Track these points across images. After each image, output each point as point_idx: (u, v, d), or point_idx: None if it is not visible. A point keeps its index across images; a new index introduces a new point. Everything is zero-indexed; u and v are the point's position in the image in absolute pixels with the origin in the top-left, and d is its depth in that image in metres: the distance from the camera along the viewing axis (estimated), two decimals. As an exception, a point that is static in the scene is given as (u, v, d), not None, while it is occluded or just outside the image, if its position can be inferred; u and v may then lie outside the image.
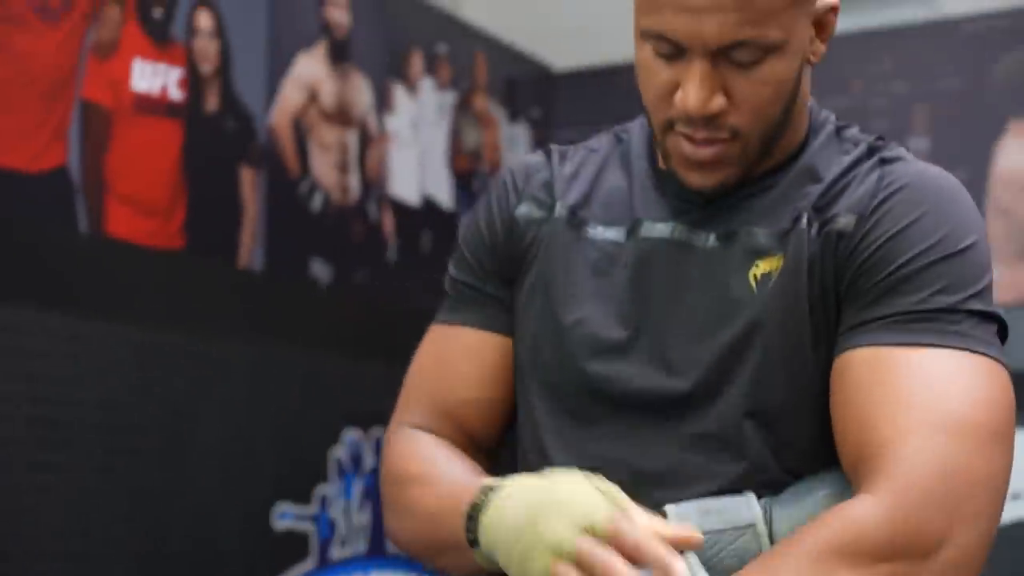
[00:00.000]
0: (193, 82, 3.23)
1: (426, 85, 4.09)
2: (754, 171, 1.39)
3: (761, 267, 1.34)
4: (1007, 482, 1.22)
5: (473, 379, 1.50)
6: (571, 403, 1.41)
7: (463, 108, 4.27)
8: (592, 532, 1.15)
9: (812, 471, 1.32)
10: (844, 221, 1.33)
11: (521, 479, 1.25)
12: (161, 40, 3.15)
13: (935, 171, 1.38)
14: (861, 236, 1.32)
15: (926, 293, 1.27)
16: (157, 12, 3.14)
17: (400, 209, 3.94)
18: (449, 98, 4.20)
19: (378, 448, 3.71)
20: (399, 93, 3.97)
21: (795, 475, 1.31)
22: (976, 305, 1.27)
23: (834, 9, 1.36)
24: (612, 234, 1.43)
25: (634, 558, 1.13)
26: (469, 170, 4.28)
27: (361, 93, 3.80)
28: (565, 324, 1.41)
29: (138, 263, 3.06)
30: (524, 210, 1.50)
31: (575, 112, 4.71)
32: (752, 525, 1.24)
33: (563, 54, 4.73)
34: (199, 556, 3.14)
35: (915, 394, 1.22)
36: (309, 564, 3.44)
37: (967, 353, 1.24)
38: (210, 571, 3.17)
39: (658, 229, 1.41)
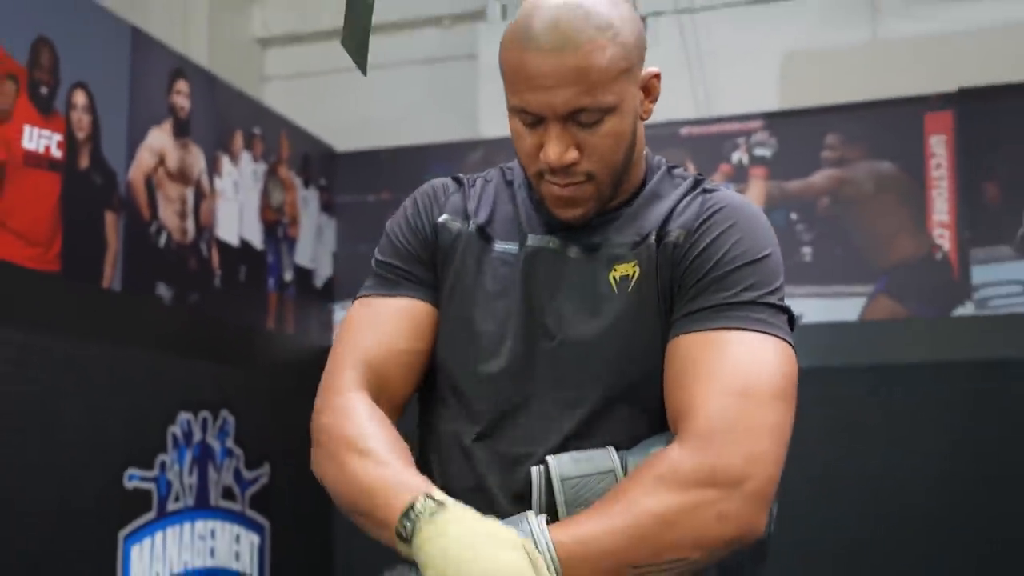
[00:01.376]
0: (70, 144, 3.14)
1: (245, 157, 4.05)
2: (608, 204, 1.36)
3: (619, 271, 1.32)
4: (789, 433, 1.22)
5: (403, 332, 1.39)
6: (468, 388, 1.37)
7: (271, 175, 4.24)
8: None
9: (659, 431, 1.30)
10: (676, 234, 1.32)
11: (464, 511, 1.17)
12: (46, 111, 3.05)
13: (742, 199, 1.38)
14: (688, 246, 1.31)
15: (735, 290, 1.26)
16: (44, 90, 3.04)
17: (224, 248, 3.88)
18: (261, 167, 4.16)
19: (205, 427, 3.64)
20: (225, 162, 3.91)
21: (647, 435, 1.30)
22: (772, 300, 1.27)
23: (656, 76, 1.34)
24: (510, 247, 1.38)
25: None
26: (275, 220, 4.25)
27: (197, 160, 3.74)
28: (474, 327, 1.37)
29: (23, 281, 2.94)
30: (446, 218, 1.43)
31: (353, 182, 4.72)
32: (612, 471, 1.24)
33: (344, 138, 4.74)
34: (70, 509, 3.02)
35: (720, 367, 1.22)
36: (152, 515, 3.35)
37: (763, 335, 1.24)
38: (78, 520, 3.06)
39: (540, 240, 1.37)
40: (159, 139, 3.53)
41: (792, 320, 1.31)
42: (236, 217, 3.96)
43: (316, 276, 4.53)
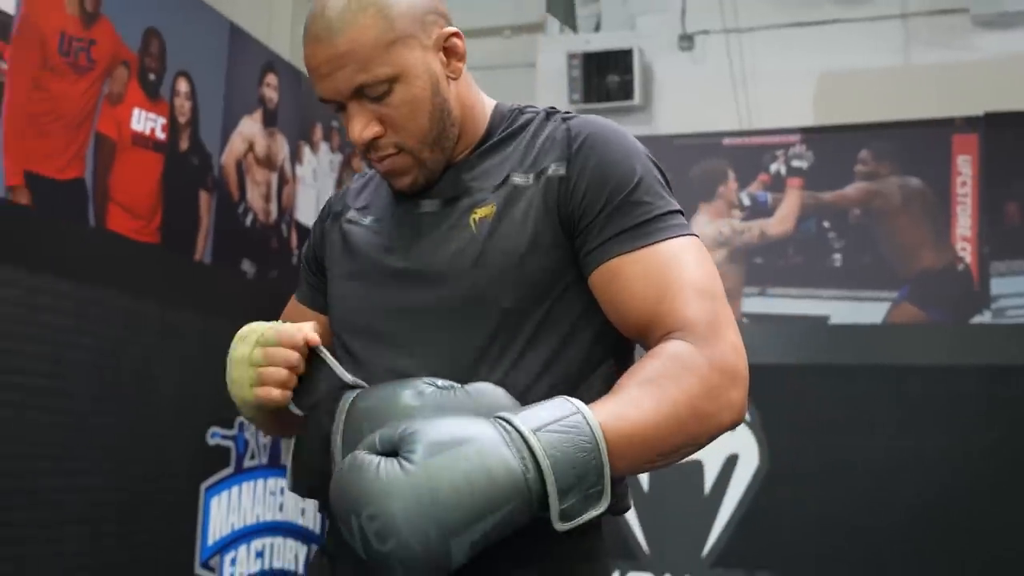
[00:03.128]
0: (172, 128, 3.13)
1: (323, 147, 4.04)
2: (452, 160, 1.28)
3: (479, 213, 1.23)
4: (731, 314, 1.19)
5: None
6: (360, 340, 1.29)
7: (346, 165, 4.23)
8: (263, 341, 1.19)
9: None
10: (555, 168, 1.23)
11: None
12: (153, 96, 3.04)
13: (601, 119, 1.29)
14: (575, 178, 1.22)
15: (640, 210, 1.20)
16: (151, 76, 3.03)
17: (302, 229, 3.87)
18: (337, 157, 4.15)
19: (279, 393, 3.62)
20: (306, 151, 3.90)
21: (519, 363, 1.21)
22: (668, 207, 1.22)
23: (455, 35, 1.25)
24: (379, 221, 1.32)
25: (290, 343, 1.17)
26: (348, 208, 4.24)
27: (282, 148, 3.73)
28: (347, 304, 1.32)
29: (127, 251, 2.94)
30: (327, 222, 1.41)
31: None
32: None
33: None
34: (162, 460, 3.02)
35: (680, 275, 1.17)
36: (230, 470, 3.34)
37: (681, 238, 1.20)
38: (168, 470, 3.05)
39: (406, 207, 1.29)
40: (250, 127, 3.52)
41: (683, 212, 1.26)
42: (314, 202, 3.94)
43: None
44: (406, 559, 0.95)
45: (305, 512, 3.79)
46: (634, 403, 1.07)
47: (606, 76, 4.48)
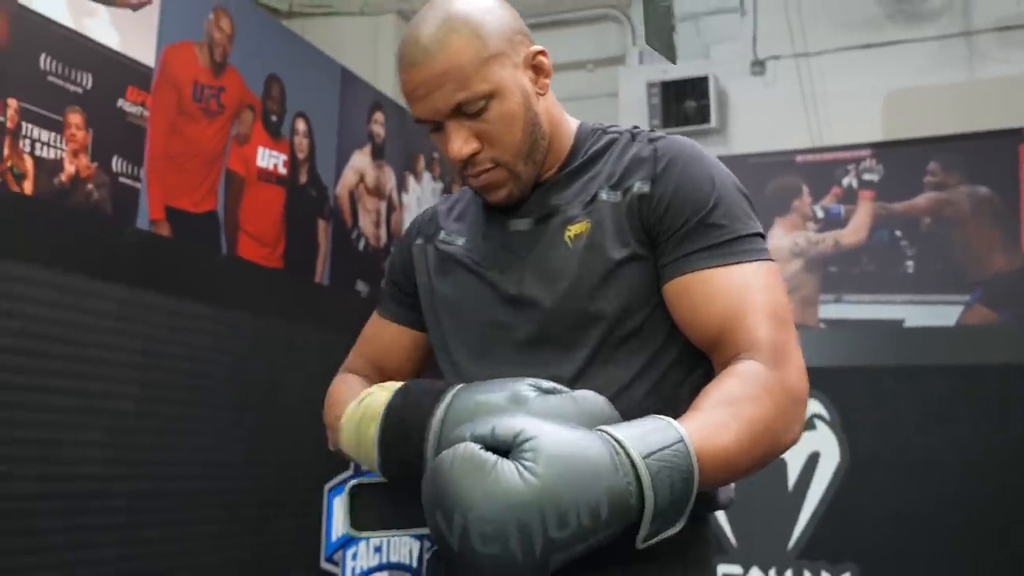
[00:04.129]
0: (293, 163, 3.19)
1: (426, 176, 4.08)
2: (540, 175, 1.26)
3: (573, 230, 1.21)
4: (797, 339, 1.16)
5: (379, 349, 1.46)
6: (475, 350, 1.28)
7: (447, 191, 4.25)
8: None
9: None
10: (640, 186, 1.20)
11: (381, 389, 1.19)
12: (275, 136, 3.11)
13: (687, 140, 1.26)
14: (658, 195, 1.19)
15: (718, 231, 1.17)
16: (273, 118, 3.11)
17: (408, 252, 3.91)
18: (439, 185, 4.19)
19: (391, 402, 3.67)
20: (410, 180, 3.95)
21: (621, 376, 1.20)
22: (747, 230, 1.18)
23: (541, 53, 1.24)
24: (474, 241, 1.30)
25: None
26: (449, 231, 4.28)
27: (389, 178, 3.78)
28: (442, 324, 1.31)
29: (255, 275, 3.01)
30: (419, 241, 1.39)
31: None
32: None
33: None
34: (287, 464, 3.08)
35: (743, 297, 1.14)
36: (349, 472, 3.39)
37: (757, 263, 1.16)
38: (295, 472, 3.11)
39: (500, 227, 1.27)
40: (360, 160, 3.58)
41: (764, 236, 1.22)
42: (418, 227, 3.99)
43: (480, 278, 4.55)
44: (504, 565, 0.89)
45: (417, 510, 3.83)
46: (722, 426, 1.03)
47: (684, 102, 4.46)
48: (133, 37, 2.57)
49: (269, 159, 3.08)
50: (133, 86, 2.56)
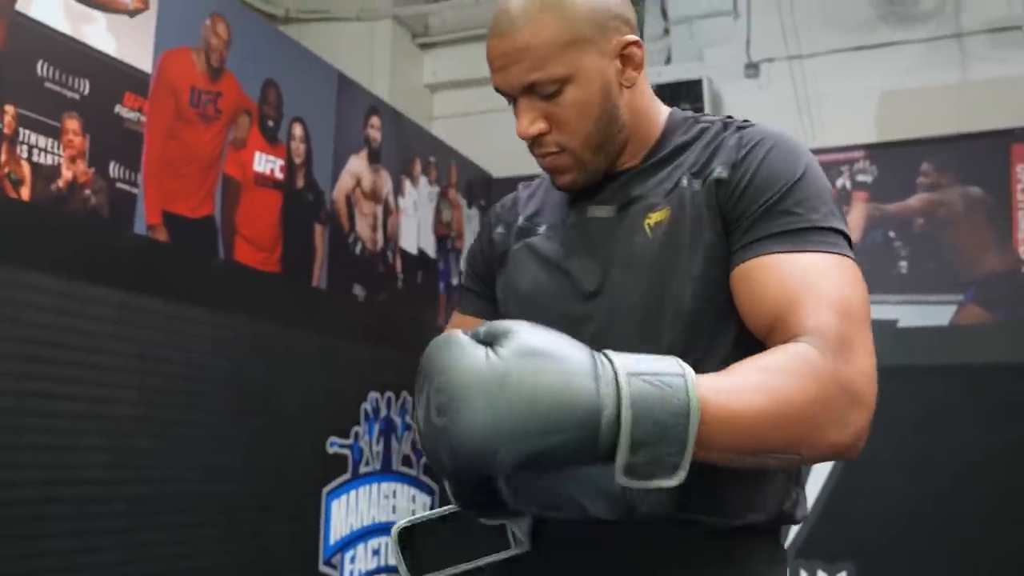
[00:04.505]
0: (290, 168, 3.19)
1: (422, 181, 4.07)
2: (621, 164, 1.22)
3: (653, 219, 1.16)
4: (871, 344, 1.05)
5: None
6: None
7: (443, 196, 4.26)
8: None
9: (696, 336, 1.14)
10: (719, 171, 1.15)
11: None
12: (272, 140, 3.11)
13: (776, 129, 1.20)
14: (736, 180, 1.14)
15: (792, 218, 1.10)
16: (270, 123, 3.10)
17: (405, 256, 3.91)
18: (435, 190, 4.19)
19: (389, 404, 3.66)
20: (407, 184, 3.94)
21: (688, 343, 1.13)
22: (825, 222, 1.10)
23: (635, 44, 1.18)
24: (553, 228, 1.25)
25: None
26: (445, 234, 4.27)
27: (386, 182, 3.77)
28: (526, 309, 1.23)
29: (253, 279, 3.00)
30: (499, 231, 1.34)
31: (506, 203, 4.72)
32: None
33: (499, 167, 4.75)
34: (286, 468, 3.07)
35: (821, 287, 1.05)
36: (348, 476, 3.38)
37: (831, 255, 1.08)
38: (292, 476, 3.10)
39: (580, 212, 1.23)
40: (357, 165, 3.58)
41: (848, 239, 1.13)
42: (415, 231, 3.99)
43: (477, 281, 4.54)
44: (454, 442, 0.83)
45: (415, 513, 3.82)
46: (746, 388, 0.93)
47: (678, 105, 4.44)
48: (130, 43, 2.56)
49: (266, 164, 3.07)
50: (130, 92, 2.56)
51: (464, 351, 0.85)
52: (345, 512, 3.38)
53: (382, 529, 3.59)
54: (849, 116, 4.28)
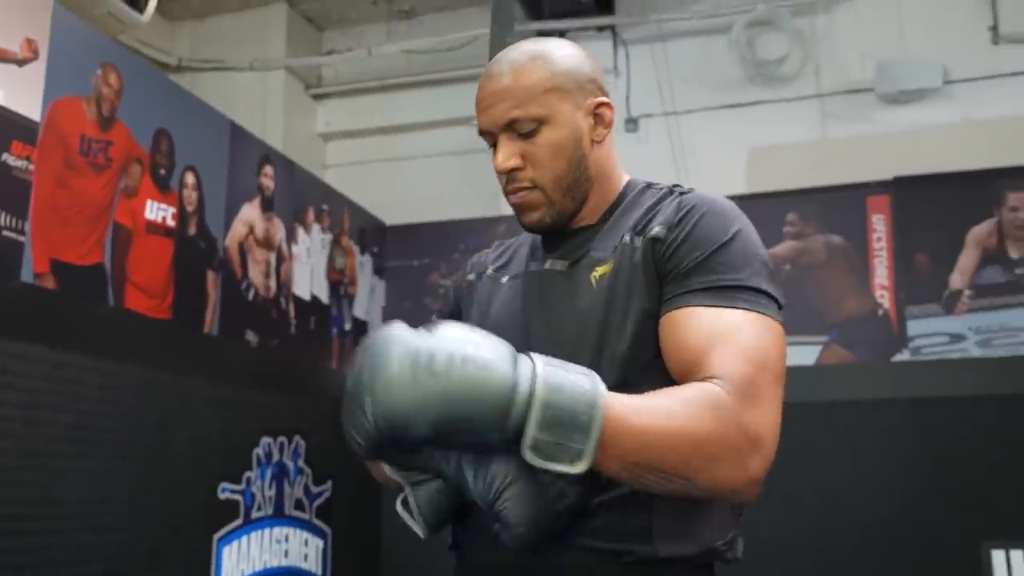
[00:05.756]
0: (182, 216, 3.15)
1: (315, 228, 4.07)
2: (573, 216, 1.29)
3: (599, 272, 1.23)
4: (779, 399, 1.11)
5: None
6: None
7: (335, 243, 4.25)
8: None
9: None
10: (657, 230, 1.22)
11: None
12: (164, 189, 3.07)
13: (714, 194, 1.27)
14: (670, 239, 1.20)
15: (721, 276, 1.16)
16: (162, 171, 3.07)
17: (298, 302, 3.88)
18: (328, 237, 4.18)
19: (281, 449, 3.61)
20: (300, 232, 3.93)
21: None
22: (753, 283, 1.16)
23: (605, 104, 1.29)
24: (515, 279, 1.35)
25: None
26: (338, 280, 4.26)
27: (279, 230, 3.75)
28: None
29: (143, 327, 2.94)
30: (471, 276, 1.45)
31: (399, 250, 4.74)
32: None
33: (392, 214, 4.77)
34: (176, 514, 3.00)
35: (726, 334, 1.11)
36: (239, 521, 3.32)
37: (754, 313, 1.13)
38: (183, 523, 3.03)
39: (536, 266, 1.32)
40: (249, 212, 3.56)
41: (779, 303, 1.20)
42: (308, 277, 3.97)
43: (370, 326, 4.53)
44: (375, 400, 0.93)
45: (308, 557, 3.77)
46: (649, 407, 1.02)
47: (563, 156, 4.56)
48: (18, 92, 2.51)
49: (158, 212, 3.03)
50: (18, 140, 2.50)
51: (399, 332, 0.97)
52: (236, 558, 3.31)
53: (274, 574, 3.53)
54: (721, 169, 4.46)
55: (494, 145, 1.27)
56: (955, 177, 4.05)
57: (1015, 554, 3.59)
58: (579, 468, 0.97)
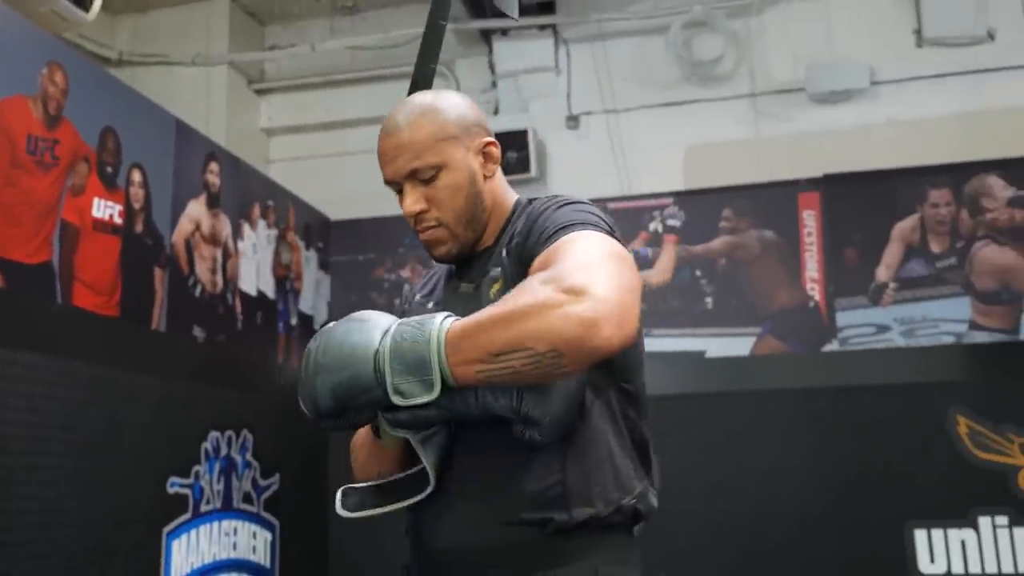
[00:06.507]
0: (128, 213, 3.16)
1: (261, 224, 4.08)
2: (475, 242, 1.43)
3: (495, 287, 1.36)
4: (630, 281, 1.21)
5: None
6: None
7: (281, 239, 4.26)
8: None
9: None
10: (518, 238, 1.36)
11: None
12: (110, 186, 3.07)
13: (566, 195, 1.40)
14: (524, 234, 1.34)
15: (560, 226, 1.28)
16: (109, 169, 3.07)
17: (245, 297, 3.90)
18: (273, 233, 4.19)
19: (229, 443, 3.63)
20: (246, 228, 3.94)
21: None
22: (584, 220, 1.29)
23: (492, 144, 1.43)
24: (431, 302, 1.49)
25: None
26: (284, 276, 4.27)
27: (225, 226, 3.76)
28: None
29: (91, 324, 2.95)
30: (404, 307, 1.57)
31: (344, 246, 4.77)
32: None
33: (336, 210, 4.79)
34: (125, 508, 3.01)
35: (561, 247, 1.23)
36: (188, 515, 3.34)
37: (585, 230, 1.26)
38: (132, 516, 3.04)
39: (448, 289, 1.47)
40: (196, 209, 3.57)
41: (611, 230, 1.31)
42: (254, 272, 3.98)
43: (315, 321, 4.56)
44: (300, 392, 1.21)
45: (256, 549, 3.80)
46: (483, 311, 1.15)
47: (505, 153, 4.62)
48: (-36, 91, 2.51)
49: (105, 209, 3.03)
50: (-35, 139, 2.50)
51: (319, 332, 1.23)
52: (186, 551, 3.33)
53: (224, 566, 3.55)
54: (659, 166, 4.57)
55: (399, 191, 1.41)
56: (881, 175, 4.21)
57: (936, 533, 3.77)
58: (434, 394, 1.15)
